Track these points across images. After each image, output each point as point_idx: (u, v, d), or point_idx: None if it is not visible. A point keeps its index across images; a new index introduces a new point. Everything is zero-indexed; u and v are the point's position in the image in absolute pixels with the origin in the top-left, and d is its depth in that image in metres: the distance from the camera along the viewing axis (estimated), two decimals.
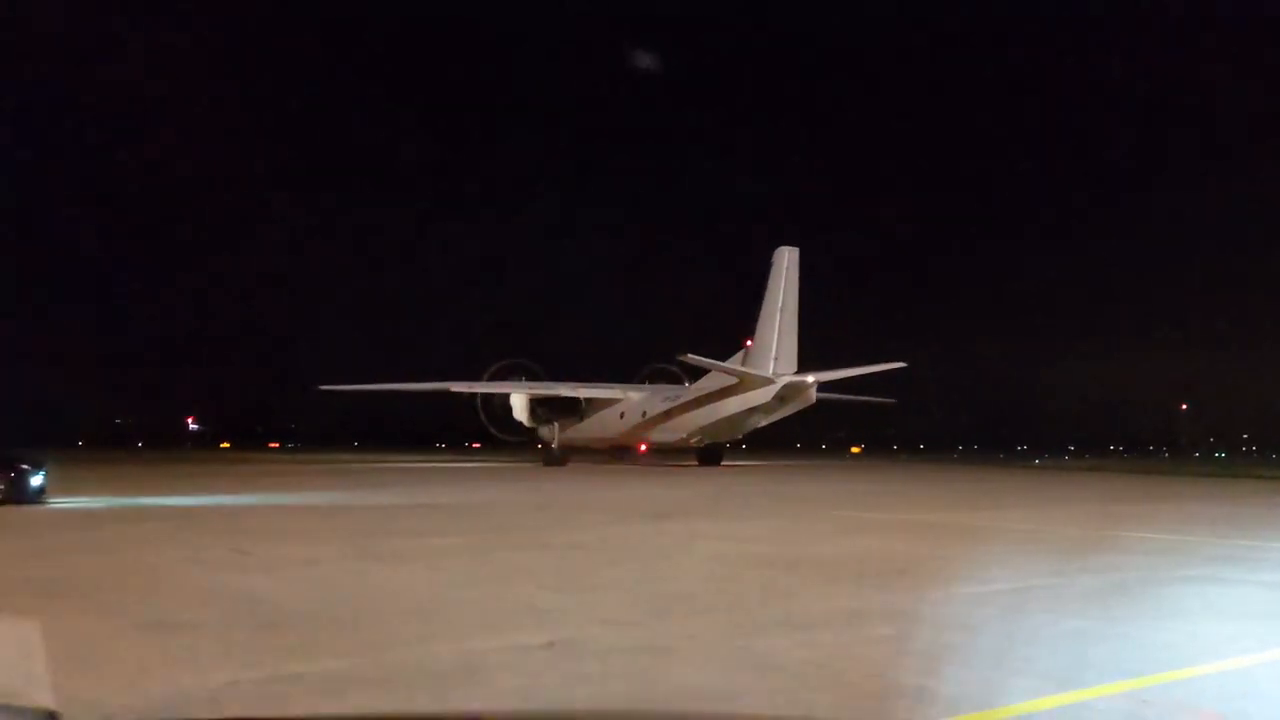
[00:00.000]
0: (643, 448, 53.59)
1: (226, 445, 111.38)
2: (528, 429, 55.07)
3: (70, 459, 47.27)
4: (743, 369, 47.99)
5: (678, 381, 55.44)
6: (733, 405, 48.32)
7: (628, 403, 53.50)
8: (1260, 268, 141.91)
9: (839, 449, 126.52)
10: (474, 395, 54.23)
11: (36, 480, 20.77)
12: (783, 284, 48.28)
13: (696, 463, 51.57)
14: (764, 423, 50.37)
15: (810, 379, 47.18)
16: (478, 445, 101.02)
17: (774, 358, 47.35)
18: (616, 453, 56.28)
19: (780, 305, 47.94)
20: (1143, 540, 15.70)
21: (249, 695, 5.90)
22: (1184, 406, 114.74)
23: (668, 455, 55.09)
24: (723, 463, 52.21)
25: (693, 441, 52.16)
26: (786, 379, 46.89)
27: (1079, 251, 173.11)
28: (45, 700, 4.21)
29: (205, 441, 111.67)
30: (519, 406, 53.43)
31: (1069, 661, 7.04)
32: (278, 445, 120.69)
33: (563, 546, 13.94)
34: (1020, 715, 5.69)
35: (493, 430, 55.88)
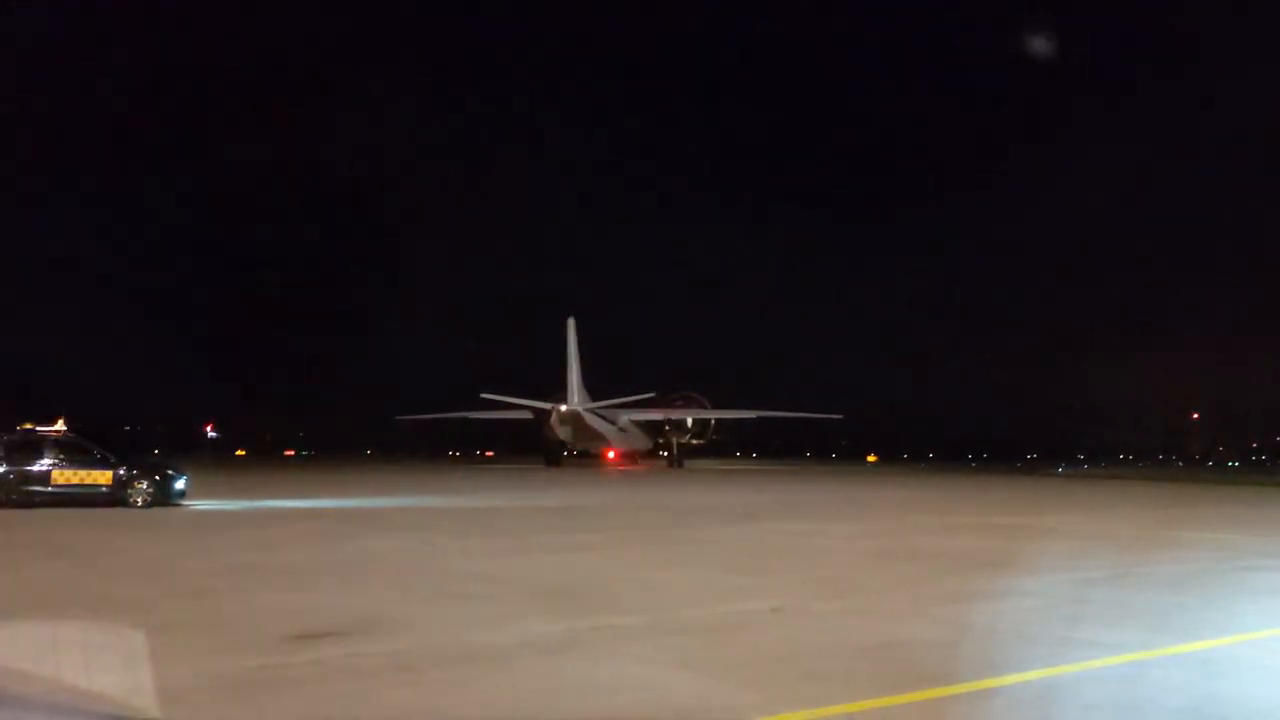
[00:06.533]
0: (610, 454, 71.52)
1: (242, 453, 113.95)
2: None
3: None
4: (528, 402, 65.86)
5: (701, 405, 70.92)
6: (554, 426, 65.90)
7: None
8: (1265, 271, 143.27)
9: (850, 457, 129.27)
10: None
11: (179, 484, 22.82)
12: (571, 342, 66.84)
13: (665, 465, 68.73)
14: (570, 438, 66.81)
15: (563, 408, 64.28)
16: (490, 454, 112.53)
17: (572, 393, 65.41)
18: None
19: (571, 357, 66.47)
20: (1200, 539, 17.68)
21: (589, 639, 7.89)
22: (1195, 415, 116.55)
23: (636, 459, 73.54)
24: (684, 465, 68.64)
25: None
26: (561, 407, 64.39)
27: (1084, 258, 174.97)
28: (150, 708, 5.65)
29: (221, 448, 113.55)
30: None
31: (1188, 623, 9.04)
32: (293, 453, 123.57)
33: (698, 542, 15.99)
34: (1180, 654, 7.71)
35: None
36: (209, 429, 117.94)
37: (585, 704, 6.00)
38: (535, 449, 79.29)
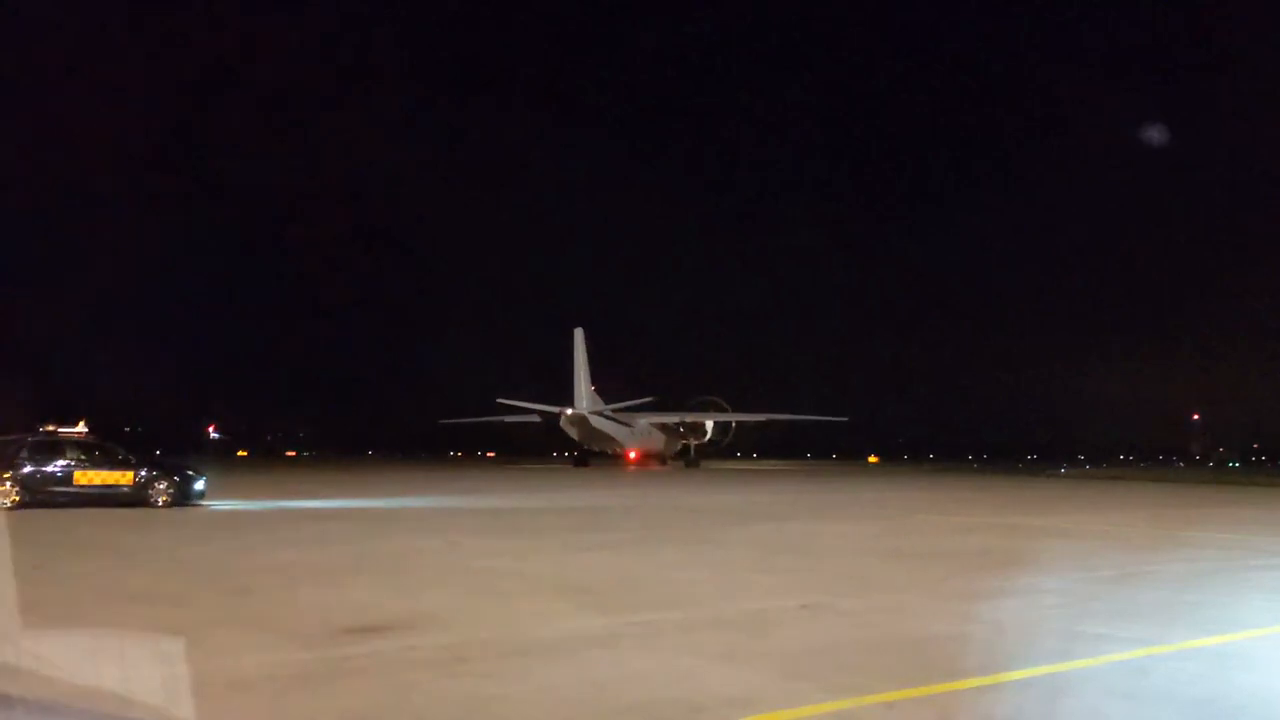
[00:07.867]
0: (631, 455, 73.11)
1: (244, 454, 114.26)
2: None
3: None
4: (540, 406, 69.64)
5: (722, 409, 73.75)
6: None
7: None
8: (1266, 271, 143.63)
9: (851, 457, 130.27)
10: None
11: (198, 485, 23.17)
12: (579, 351, 70.21)
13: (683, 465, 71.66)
14: (580, 436, 69.55)
15: (569, 411, 68.10)
16: (491, 454, 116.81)
17: (581, 398, 68.92)
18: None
19: (578, 364, 69.94)
20: (1207, 538, 18.03)
21: (631, 634, 8.22)
22: (1196, 416, 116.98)
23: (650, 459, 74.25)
24: (701, 465, 71.48)
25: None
26: (569, 411, 68.25)
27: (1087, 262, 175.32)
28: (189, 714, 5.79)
29: (223, 450, 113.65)
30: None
31: (1204, 619, 9.36)
32: (295, 454, 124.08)
33: (721, 542, 16.33)
34: (1195, 648, 8.05)
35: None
36: (212, 430, 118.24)
37: (638, 692, 6.32)
38: (542, 450, 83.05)
